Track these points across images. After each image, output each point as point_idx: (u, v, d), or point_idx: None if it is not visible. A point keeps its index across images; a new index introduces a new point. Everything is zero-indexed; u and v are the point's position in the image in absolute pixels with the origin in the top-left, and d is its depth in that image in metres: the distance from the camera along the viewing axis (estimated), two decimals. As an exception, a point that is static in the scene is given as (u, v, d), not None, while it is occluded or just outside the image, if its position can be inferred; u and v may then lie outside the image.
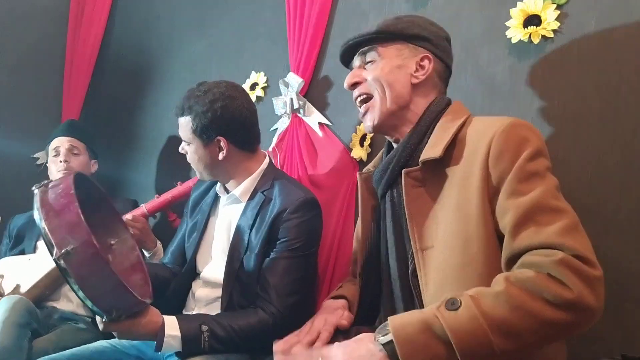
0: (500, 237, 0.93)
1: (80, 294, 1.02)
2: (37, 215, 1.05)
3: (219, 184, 1.53)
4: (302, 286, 1.39)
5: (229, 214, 1.49)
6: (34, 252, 1.93)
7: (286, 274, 1.34)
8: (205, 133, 1.40)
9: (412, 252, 1.01)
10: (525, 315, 0.81)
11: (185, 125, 1.43)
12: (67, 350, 1.36)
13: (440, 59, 1.14)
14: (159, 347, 1.20)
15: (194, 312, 1.43)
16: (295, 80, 1.76)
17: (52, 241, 1.00)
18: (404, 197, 1.03)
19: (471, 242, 0.94)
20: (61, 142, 2.08)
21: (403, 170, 1.04)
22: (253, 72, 1.99)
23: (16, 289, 1.72)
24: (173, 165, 2.30)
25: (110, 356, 1.38)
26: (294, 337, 1.09)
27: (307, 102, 1.77)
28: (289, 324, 1.29)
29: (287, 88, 1.79)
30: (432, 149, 1.03)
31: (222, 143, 1.42)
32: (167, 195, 1.92)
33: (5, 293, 1.71)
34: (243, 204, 1.46)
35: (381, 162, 1.15)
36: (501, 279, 0.85)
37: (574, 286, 0.80)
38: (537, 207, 0.89)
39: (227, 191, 1.51)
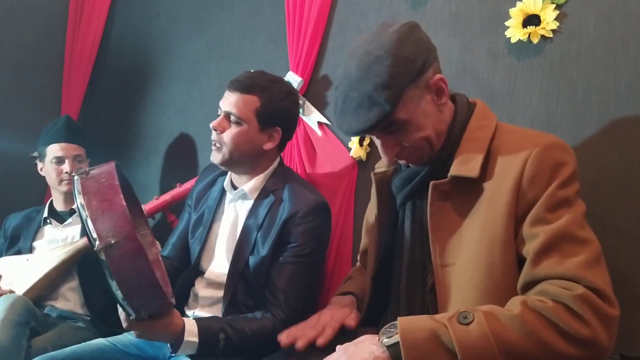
0: (520, 262, 0.91)
1: (113, 284, 1.00)
2: (79, 202, 1.02)
3: (227, 178, 1.50)
4: (310, 291, 1.40)
5: (235, 210, 1.47)
6: (30, 252, 1.91)
7: (295, 280, 1.34)
8: (270, 119, 1.40)
9: (432, 267, 0.99)
10: (536, 343, 0.80)
11: (247, 103, 1.38)
12: (67, 348, 1.36)
13: (437, 59, 1.05)
14: (175, 351, 1.20)
15: (197, 312, 1.43)
16: (294, 80, 1.76)
17: (95, 232, 0.98)
18: (428, 210, 0.99)
19: (495, 267, 0.92)
20: (65, 151, 1.94)
21: (431, 183, 0.99)
22: (252, 71, 1.99)
23: (13, 290, 1.72)
24: (172, 164, 2.30)
25: (110, 354, 1.38)
26: (298, 330, 1.09)
27: (306, 101, 1.76)
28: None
29: (287, 87, 1.78)
30: (465, 165, 0.97)
31: (276, 134, 1.43)
32: (166, 197, 1.92)
33: (4, 292, 1.71)
34: (251, 202, 1.44)
35: (401, 168, 1.11)
36: (518, 302, 0.85)
37: (591, 323, 0.80)
38: (562, 236, 0.87)
39: (234, 187, 1.49)
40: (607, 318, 0.82)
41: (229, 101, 1.39)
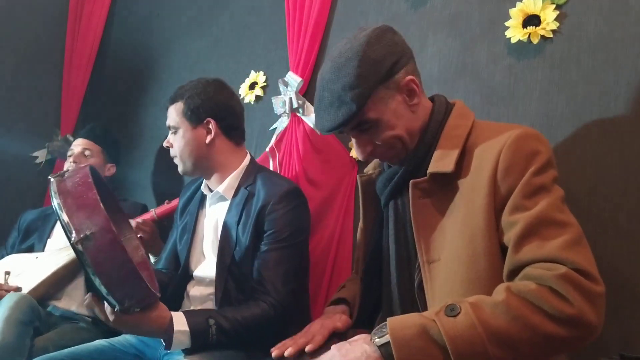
0: (504, 252, 0.92)
1: (96, 280, 1.02)
2: (54, 201, 1.04)
3: (204, 182, 1.55)
4: (296, 275, 1.40)
5: (216, 212, 1.50)
6: (43, 249, 1.93)
7: (278, 265, 1.36)
8: (195, 114, 1.46)
9: (419, 264, 1.00)
10: (523, 327, 0.81)
11: (175, 111, 1.49)
12: (67, 349, 1.36)
13: (413, 61, 1.06)
14: (169, 345, 1.20)
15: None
16: (294, 80, 1.76)
17: (71, 226, 1.00)
18: (411, 209, 1.01)
19: (479, 258, 0.93)
20: (76, 144, 2.11)
21: (411, 182, 1.01)
22: (252, 71, 1.99)
23: (21, 287, 1.73)
24: (172, 164, 2.29)
25: (109, 355, 1.38)
26: (289, 341, 1.10)
27: (306, 101, 1.77)
28: (288, 312, 1.31)
29: (287, 87, 1.79)
30: (442, 161, 1.00)
31: (211, 125, 1.47)
32: (177, 202, 1.92)
33: (11, 288, 1.72)
34: (228, 201, 1.47)
35: (384, 170, 1.14)
36: (502, 288, 0.85)
37: (575, 301, 0.80)
38: (542, 220, 0.88)
39: (211, 190, 1.52)
40: (592, 295, 0.82)
41: (168, 117, 1.51)
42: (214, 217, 1.50)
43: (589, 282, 0.82)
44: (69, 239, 1.01)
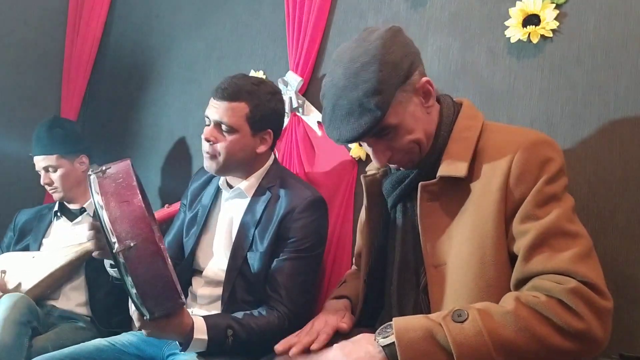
0: (512, 260, 0.92)
1: (132, 289, 1.01)
2: (96, 201, 1.02)
3: (222, 178, 1.51)
4: (312, 285, 1.41)
5: (232, 209, 1.48)
6: (39, 249, 1.92)
7: (296, 274, 1.35)
8: (260, 123, 1.41)
9: (424, 267, 0.99)
10: (531, 339, 0.81)
11: (237, 111, 1.37)
12: (66, 349, 1.36)
13: (422, 62, 1.04)
14: (185, 348, 1.21)
15: (196, 310, 1.43)
16: (294, 79, 1.76)
17: (114, 234, 0.98)
18: (418, 211, 1.00)
19: (488, 267, 0.92)
20: (37, 164, 1.96)
21: (420, 184, 1.00)
22: (252, 70, 1.99)
23: (17, 287, 1.73)
24: (172, 163, 2.30)
25: (109, 354, 1.38)
26: (293, 338, 1.09)
27: (306, 101, 1.76)
28: (301, 322, 1.30)
29: (286, 87, 1.78)
30: (453, 165, 0.98)
31: (268, 136, 1.45)
32: (177, 206, 1.92)
33: (8, 289, 1.72)
34: (248, 199, 1.45)
35: (390, 171, 1.12)
36: (511, 298, 0.85)
37: (584, 316, 0.81)
38: (552, 231, 0.88)
39: (230, 186, 1.50)
40: (601, 311, 0.82)
41: (218, 110, 1.37)
42: (229, 213, 1.48)
43: (599, 297, 0.83)
44: (111, 247, 0.99)
